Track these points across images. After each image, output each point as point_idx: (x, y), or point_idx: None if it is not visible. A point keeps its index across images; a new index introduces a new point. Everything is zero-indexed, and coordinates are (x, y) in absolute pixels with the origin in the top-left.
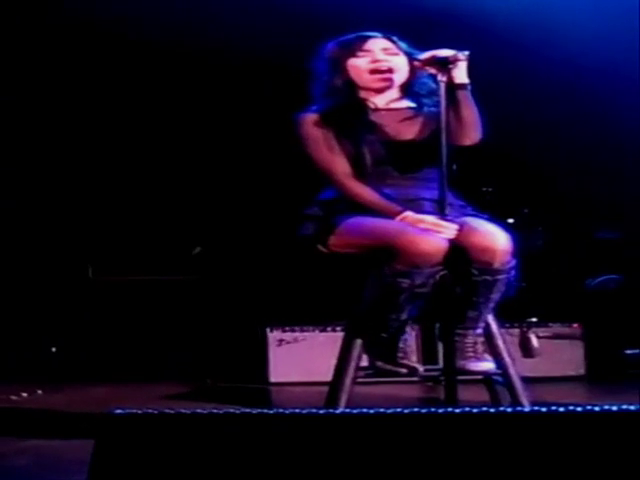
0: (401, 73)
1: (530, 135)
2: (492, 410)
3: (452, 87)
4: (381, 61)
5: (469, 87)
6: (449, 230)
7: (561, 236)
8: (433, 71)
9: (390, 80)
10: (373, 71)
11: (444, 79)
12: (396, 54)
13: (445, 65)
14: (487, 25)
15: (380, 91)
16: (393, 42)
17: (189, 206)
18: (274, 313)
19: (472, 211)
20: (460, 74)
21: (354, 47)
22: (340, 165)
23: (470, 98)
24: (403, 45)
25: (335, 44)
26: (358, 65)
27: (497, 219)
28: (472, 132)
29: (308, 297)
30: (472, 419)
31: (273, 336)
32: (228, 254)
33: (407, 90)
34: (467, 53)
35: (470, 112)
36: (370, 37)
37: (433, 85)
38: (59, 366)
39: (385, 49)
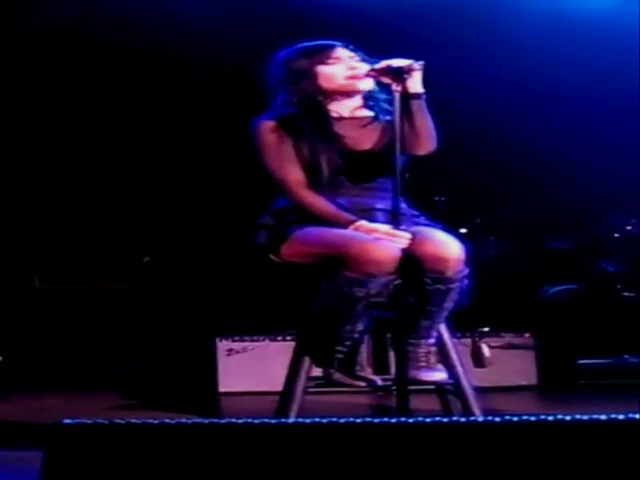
0: (367, 81)
1: (483, 145)
2: (445, 420)
3: (407, 97)
4: (357, 68)
5: (424, 97)
6: (402, 239)
7: (514, 246)
8: (388, 81)
9: (359, 86)
10: (350, 77)
11: (399, 89)
12: (360, 62)
13: (400, 75)
14: (438, 36)
15: (349, 96)
16: (352, 51)
17: (139, 214)
18: (224, 322)
19: (425, 220)
20: (415, 84)
21: (323, 55)
22: (294, 174)
23: (424, 108)
24: (361, 55)
25: (297, 52)
26: (332, 72)
27: (450, 229)
28: (426, 142)
29: (259, 306)
30: (426, 429)
31: (222, 346)
32: (178, 263)
33: (366, 100)
34: (422, 63)
35: (424, 122)
36: (336, 46)
37: (388, 95)
38: (6, 376)
39: (351, 57)
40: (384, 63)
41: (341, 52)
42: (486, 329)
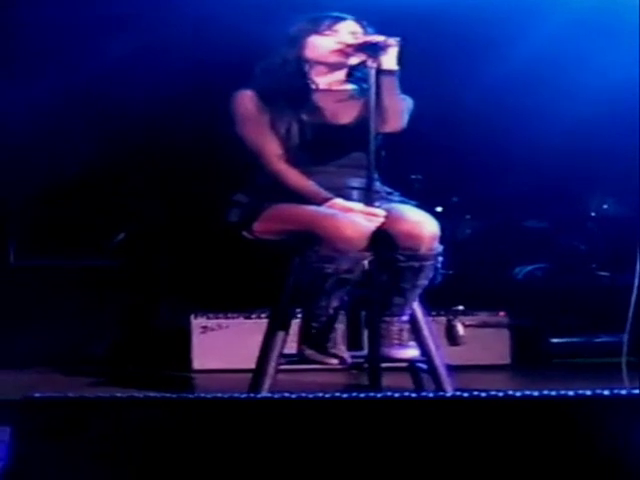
0: (352, 57)
1: (460, 123)
2: (414, 395)
3: (379, 72)
4: (346, 43)
5: (397, 74)
6: (376, 218)
7: (490, 224)
8: (364, 57)
9: (346, 61)
10: (335, 51)
11: (374, 65)
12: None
13: (375, 51)
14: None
15: (332, 69)
16: (362, 27)
17: (114, 191)
18: (198, 300)
19: (399, 197)
20: (389, 60)
21: (324, 25)
22: (271, 146)
23: (396, 85)
24: (371, 31)
25: (303, 19)
26: (321, 43)
27: (425, 207)
28: (393, 120)
29: (233, 284)
30: (394, 404)
31: (197, 323)
32: (153, 240)
33: (353, 75)
34: (398, 39)
35: (394, 99)
36: (343, 19)
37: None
38: None
39: (353, 33)
40: (362, 39)
41: (344, 25)
42: (460, 307)
